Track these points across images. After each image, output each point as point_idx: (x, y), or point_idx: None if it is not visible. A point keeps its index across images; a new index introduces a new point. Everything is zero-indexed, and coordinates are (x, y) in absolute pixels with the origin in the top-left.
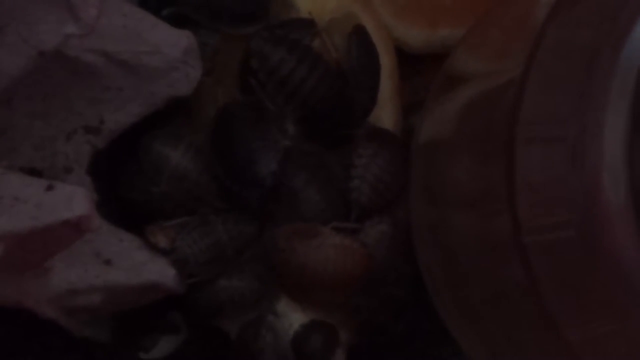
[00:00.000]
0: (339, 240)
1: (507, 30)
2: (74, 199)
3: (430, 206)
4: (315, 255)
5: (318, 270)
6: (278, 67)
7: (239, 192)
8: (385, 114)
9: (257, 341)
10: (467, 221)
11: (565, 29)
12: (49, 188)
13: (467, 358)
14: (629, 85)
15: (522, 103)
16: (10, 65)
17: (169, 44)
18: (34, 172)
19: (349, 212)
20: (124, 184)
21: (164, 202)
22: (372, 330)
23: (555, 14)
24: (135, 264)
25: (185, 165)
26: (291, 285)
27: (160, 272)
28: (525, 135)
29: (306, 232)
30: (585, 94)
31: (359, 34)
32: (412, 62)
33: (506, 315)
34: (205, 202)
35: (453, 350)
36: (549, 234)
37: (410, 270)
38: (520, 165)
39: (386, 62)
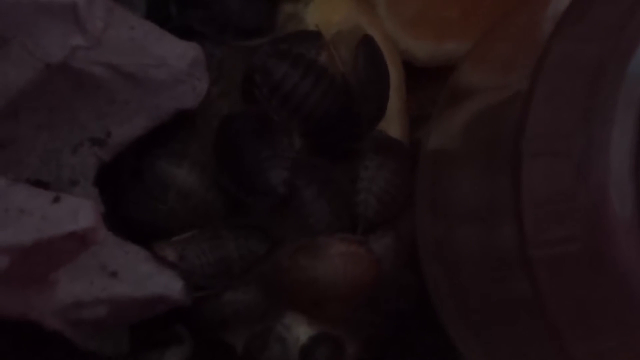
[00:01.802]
0: (345, 249)
1: (513, 45)
2: (80, 212)
3: (435, 219)
4: (323, 268)
5: (329, 282)
6: (281, 82)
7: (249, 203)
8: (392, 127)
9: (265, 352)
10: (473, 234)
11: (570, 43)
12: (55, 200)
13: None
14: (635, 99)
15: (528, 117)
16: (16, 78)
17: (175, 56)
18: (40, 184)
19: (356, 224)
20: (129, 203)
21: (170, 219)
22: (377, 344)
23: (561, 28)
24: (141, 277)
25: (191, 182)
26: (302, 301)
27: (166, 284)
28: (531, 150)
29: (310, 246)
30: (591, 109)
31: (367, 44)
32: (418, 75)
33: (511, 329)
34: (213, 218)
35: None
36: (554, 248)
37: (415, 282)
38: (526, 179)
39: (393, 75)
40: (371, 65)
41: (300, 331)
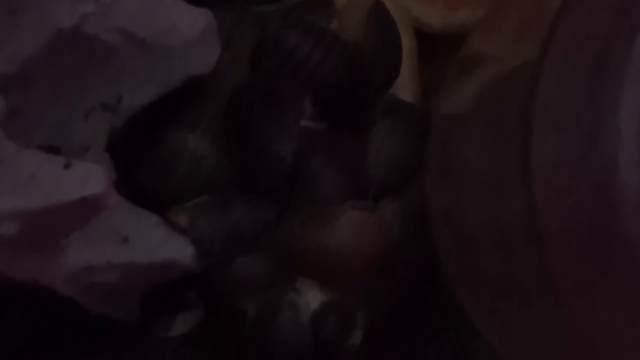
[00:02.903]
0: (356, 217)
1: (525, 13)
2: (92, 177)
3: (445, 187)
4: (334, 236)
5: (340, 250)
6: (293, 51)
7: (258, 173)
8: (403, 95)
9: (277, 316)
10: (481, 205)
11: (582, 12)
12: (67, 166)
13: (485, 340)
14: None
15: (538, 87)
16: (27, 45)
17: (187, 23)
18: (51, 150)
19: (367, 190)
20: (141, 170)
21: (182, 186)
22: (389, 310)
23: None
24: (153, 242)
25: (203, 150)
26: (313, 269)
27: (177, 250)
28: (541, 119)
29: (321, 215)
30: (600, 78)
31: (378, 10)
32: (430, 43)
33: (521, 300)
34: (225, 185)
35: (471, 332)
36: (563, 219)
37: (426, 249)
38: (535, 150)
39: (405, 42)
40: (382, 30)
41: (311, 296)
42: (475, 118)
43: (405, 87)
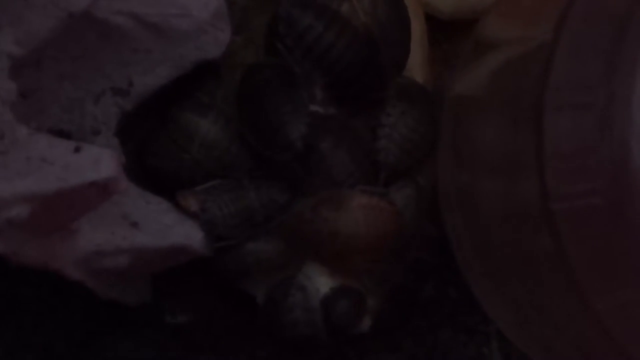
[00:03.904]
0: (367, 201)
1: None
2: (102, 161)
3: (458, 170)
4: (345, 220)
5: (350, 234)
6: (305, 33)
7: (269, 156)
8: (415, 79)
9: (287, 299)
10: (495, 186)
11: None
12: (77, 149)
13: (495, 325)
14: None
15: (552, 70)
16: (39, 27)
17: (198, 6)
18: (62, 134)
19: (378, 173)
20: (153, 152)
21: (194, 169)
22: (400, 295)
23: None
24: (163, 227)
25: (215, 132)
26: (324, 253)
27: (187, 235)
28: (555, 102)
29: (332, 199)
30: (614, 62)
31: None
32: (441, 28)
33: (533, 282)
34: (237, 169)
35: (481, 318)
36: (577, 201)
37: (437, 234)
38: (549, 132)
39: (416, 26)
40: (393, 14)
41: (321, 282)
42: (489, 100)
43: (415, 71)
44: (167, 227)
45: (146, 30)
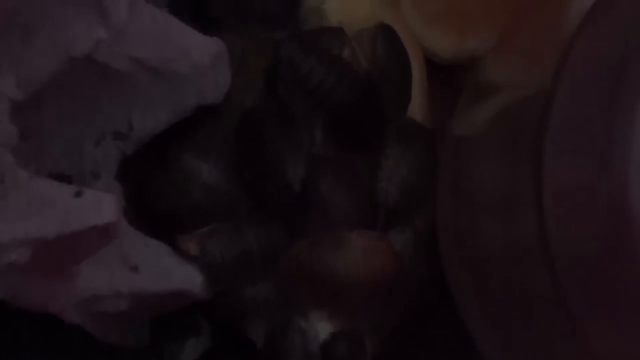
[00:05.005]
0: (366, 242)
1: (536, 41)
2: (103, 205)
3: (457, 211)
4: (344, 261)
5: (349, 275)
6: (307, 77)
7: (267, 197)
8: None
9: (286, 343)
10: (494, 227)
11: (594, 40)
12: (78, 194)
13: None
14: None
15: (551, 112)
16: (40, 70)
17: (198, 51)
18: (62, 178)
19: (377, 214)
20: (152, 194)
21: (193, 212)
22: (398, 336)
23: (585, 24)
24: (162, 271)
25: (216, 176)
26: (321, 293)
27: (187, 279)
28: (554, 145)
29: (331, 239)
30: (613, 105)
31: (389, 37)
32: (440, 71)
33: (532, 323)
34: (236, 211)
35: (478, 358)
36: (576, 243)
37: (434, 275)
38: (549, 174)
39: (416, 69)
40: (393, 57)
41: (321, 325)
42: (489, 142)
43: (415, 113)
44: (166, 270)
45: (146, 74)
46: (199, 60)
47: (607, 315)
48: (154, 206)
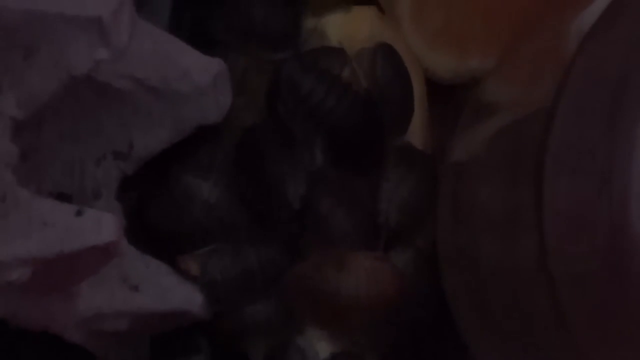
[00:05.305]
0: (370, 264)
1: (537, 61)
2: (103, 225)
3: (457, 230)
4: (347, 282)
5: (351, 296)
6: (307, 97)
7: (267, 215)
8: (414, 141)
9: None
10: (494, 246)
11: (594, 59)
12: (78, 213)
13: None
14: None
15: (552, 132)
16: (41, 89)
17: (199, 70)
18: (63, 197)
19: (378, 235)
20: (153, 213)
21: (194, 230)
22: (398, 355)
23: (585, 44)
24: (162, 290)
25: (217, 195)
26: (323, 313)
27: (187, 298)
28: (554, 165)
29: (335, 259)
30: (614, 124)
31: (390, 57)
32: (441, 91)
33: (533, 343)
34: (237, 230)
35: None
36: (576, 262)
37: (435, 293)
38: (549, 193)
39: (416, 88)
40: (394, 77)
41: (321, 346)
42: (489, 162)
43: (416, 134)
44: (166, 290)
45: (147, 93)
46: (199, 80)
47: (607, 334)
48: (154, 225)
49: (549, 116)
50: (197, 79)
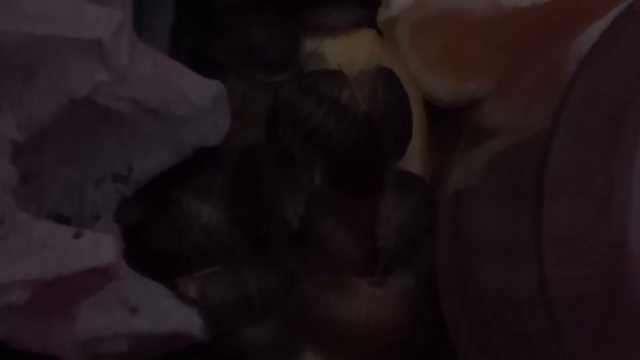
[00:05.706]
0: (373, 292)
1: (535, 85)
2: (102, 247)
3: (456, 254)
4: (349, 308)
5: (351, 323)
6: (306, 120)
7: (266, 236)
8: (413, 164)
9: None
10: (493, 271)
11: (593, 83)
12: (77, 235)
13: None
14: None
15: (550, 156)
16: (41, 112)
17: (198, 93)
18: (62, 219)
19: (377, 257)
20: (153, 235)
21: (194, 253)
22: None
23: (584, 68)
24: (161, 312)
25: (216, 217)
26: (322, 337)
27: (186, 321)
28: (553, 189)
29: (339, 284)
30: (613, 148)
31: (389, 80)
32: (439, 115)
33: None
34: (237, 252)
35: None
36: (576, 287)
37: (433, 316)
38: (548, 217)
39: (415, 112)
40: (393, 100)
41: None
42: (488, 185)
43: (414, 157)
44: (165, 312)
45: (147, 116)
46: (199, 103)
47: (607, 356)
48: (153, 247)
49: (548, 139)
50: (196, 102)
